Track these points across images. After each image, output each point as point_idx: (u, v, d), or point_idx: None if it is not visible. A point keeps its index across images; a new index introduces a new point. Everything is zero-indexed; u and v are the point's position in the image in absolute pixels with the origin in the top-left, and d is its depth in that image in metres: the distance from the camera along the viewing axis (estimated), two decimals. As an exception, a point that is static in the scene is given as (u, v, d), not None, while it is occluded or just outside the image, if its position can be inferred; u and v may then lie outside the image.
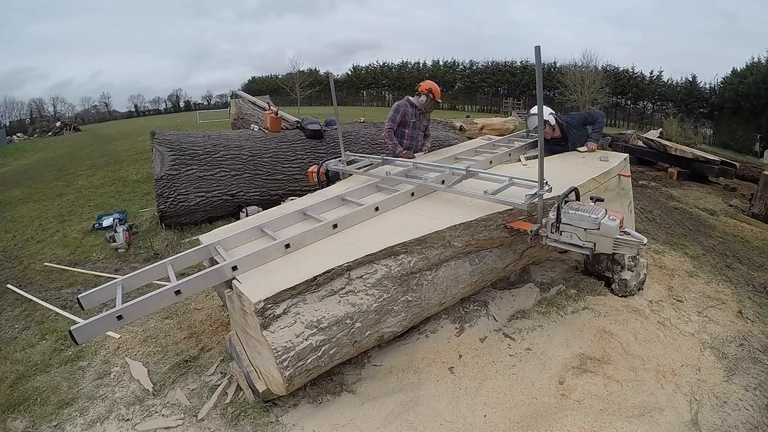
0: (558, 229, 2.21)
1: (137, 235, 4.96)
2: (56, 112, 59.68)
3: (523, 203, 2.32)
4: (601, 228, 2.06)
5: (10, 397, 2.43)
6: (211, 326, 3.05)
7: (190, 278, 2.07)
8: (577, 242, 2.15)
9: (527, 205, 2.33)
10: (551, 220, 2.22)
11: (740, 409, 2.24)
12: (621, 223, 2.06)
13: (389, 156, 3.83)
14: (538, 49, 2.02)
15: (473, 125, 12.19)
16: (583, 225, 2.11)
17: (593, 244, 2.11)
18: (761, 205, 5.94)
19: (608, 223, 2.04)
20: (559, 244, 2.25)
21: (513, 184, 2.63)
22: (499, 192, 2.55)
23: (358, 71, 58.21)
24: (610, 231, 2.04)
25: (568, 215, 2.15)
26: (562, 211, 2.17)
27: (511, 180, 2.65)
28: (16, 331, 3.21)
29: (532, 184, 2.42)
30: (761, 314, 3.13)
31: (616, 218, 2.06)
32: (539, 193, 2.31)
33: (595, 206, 2.18)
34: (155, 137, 5.13)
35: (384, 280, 2.21)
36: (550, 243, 2.32)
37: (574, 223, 2.14)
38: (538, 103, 2.16)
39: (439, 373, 2.50)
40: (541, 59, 2.04)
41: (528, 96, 41.32)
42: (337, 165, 3.74)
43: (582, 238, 2.13)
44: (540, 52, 2.03)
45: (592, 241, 2.11)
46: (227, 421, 2.20)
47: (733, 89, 28.77)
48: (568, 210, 2.16)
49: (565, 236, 2.20)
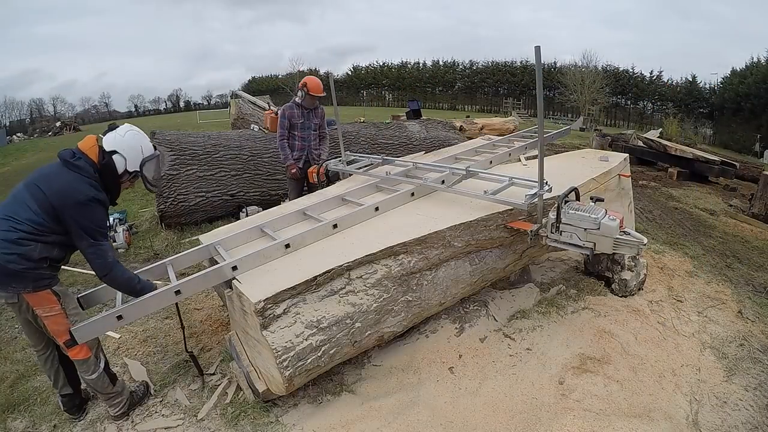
0: (558, 229, 2.21)
1: (137, 235, 4.96)
2: (56, 112, 59.75)
3: (523, 203, 2.32)
4: (601, 228, 2.06)
5: (10, 397, 2.43)
6: (211, 326, 3.05)
7: (190, 278, 2.07)
8: (577, 242, 2.15)
9: (527, 205, 2.33)
10: (551, 220, 2.22)
11: (740, 409, 2.24)
12: (621, 223, 2.06)
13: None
14: (538, 49, 2.01)
15: (473, 125, 12.19)
16: (583, 225, 2.11)
17: (593, 244, 2.11)
18: (761, 205, 5.94)
19: (608, 223, 2.04)
20: (559, 244, 2.25)
21: (513, 184, 2.63)
22: (500, 192, 2.55)
23: (358, 71, 58.21)
24: (610, 231, 2.04)
25: (568, 215, 2.15)
26: (562, 211, 2.17)
27: (511, 180, 2.65)
28: (16, 331, 3.20)
29: (532, 184, 2.42)
30: (761, 314, 3.13)
31: (616, 218, 2.06)
32: (539, 193, 2.31)
33: (595, 206, 2.18)
34: (155, 137, 5.13)
35: (384, 280, 2.21)
36: (550, 243, 2.32)
37: (574, 223, 2.14)
38: (538, 104, 2.16)
39: (439, 373, 2.50)
40: (541, 59, 2.03)
41: (528, 96, 41.29)
42: (338, 165, 3.74)
43: (582, 238, 2.13)
44: (540, 52, 2.02)
45: (592, 241, 2.11)
46: (227, 421, 2.20)
47: (733, 89, 28.76)
48: (568, 210, 2.16)
49: (565, 236, 2.20)
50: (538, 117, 2.21)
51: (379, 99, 55.04)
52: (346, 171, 3.63)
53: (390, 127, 6.99)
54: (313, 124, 4.10)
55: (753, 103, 26.46)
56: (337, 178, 3.76)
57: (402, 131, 6.87)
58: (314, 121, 4.11)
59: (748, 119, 26.41)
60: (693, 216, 5.71)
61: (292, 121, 3.99)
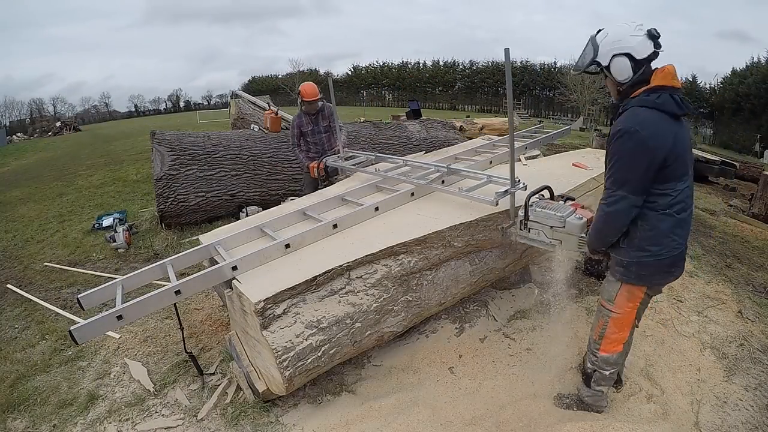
0: (526, 226, 2.23)
1: (137, 235, 4.96)
2: (56, 112, 59.80)
3: (492, 200, 2.33)
4: (567, 226, 2.06)
5: (10, 397, 2.43)
6: (211, 326, 3.05)
7: (190, 278, 2.07)
8: (544, 239, 2.17)
9: (495, 203, 2.34)
10: (521, 218, 2.24)
11: (740, 409, 2.24)
12: (589, 221, 2.06)
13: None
14: (507, 51, 2.05)
15: (473, 125, 12.18)
16: (549, 223, 2.12)
17: (559, 242, 2.12)
18: (761, 205, 5.94)
19: (574, 222, 2.04)
20: (528, 241, 2.28)
21: (491, 181, 2.64)
22: (475, 189, 2.56)
23: (358, 71, 58.22)
24: (575, 229, 2.03)
25: (536, 213, 2.17)
26: (530, 209, 2.19)
27: (489, 178, 2.65)
28: (16, 331, 3.21)
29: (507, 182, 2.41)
30: (761, 314, 3.13)
31: (583, 217, 2.06)
32: (510, 191, 2.33)
33: (563, 204, 2.19)
34: (155, 137, 5.13)
35: (384, 280, 2.21)
36: (519, 240, 2.35)
37: (541, 221, 2.16)
38: (508, 103, 2.17)
39: (439, 373, 2.50)
40: (510, 60, 2.08)
41: (528, 96, 41.26)
42: (336, 161, 3.80)
43: (548, 235, 2.15)
44: (509, 54, 2.06)
45: (558, 239, 2.12)
46: (227, 421, 2.20)
47: (733, 89, 28.79)
48: (535, 208, 2.18)
49: (533, 234, 2.22)
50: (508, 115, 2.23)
51: (379, 99, 55.08)
52: (344, 167, 3.70)
53: (390, 127, 6.99)
54: (322, 128, 4.19)
55: (753, 103, 26.50)
56: (335, 174, 3.85)
57: (402, 131, 6.87)
58: (323, 123, 4.19)
59: (748, 119, 26.45)
60: (693, 216, 5.71)
61: (301, 129, 4.14)
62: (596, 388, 2.10)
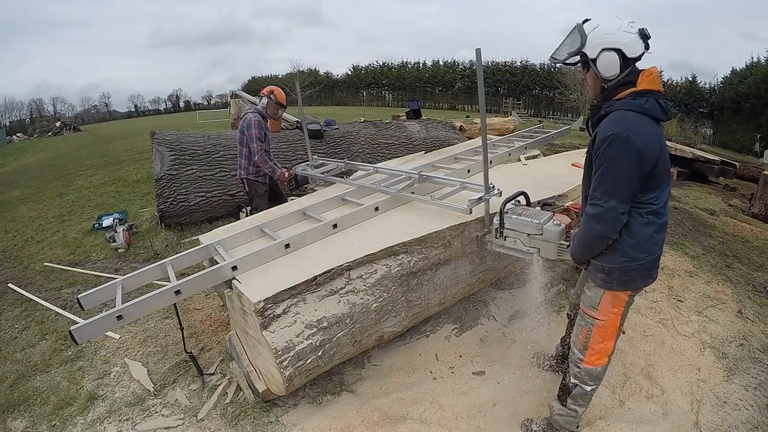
0: (502, 234, 2.15)
1: (137, 235, 4.96)
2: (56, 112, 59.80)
3: (466, 208, 2.28)
4: (544, 233, 1.96)
5: (10, 397, 2.43)
6: (211, 326, 3.05)
7: (190, 278, 2.07)
8: (521, 248, 2.08)
9: (469, 210, 2.29)
10: (496, 225, 2.17)
11: (740, 409, 2.24)
12: (568, 227, 2.00)
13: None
14: (478, 51, 2.01)
15: (473, 125, 12.16)
16: (526, 230, 2.02)
17: (537, 250, 2.04)
18: (761, 205, 5.94)
19: (551, 229, 1.95)
20: (504, 249, 2.18)
21: (464, 188, 2.58)
22: (448, 197, 2.52)
23: (358, 71, 58.20)
24: (553, 236, 1.97)
25: (512, 220, 2.07)
26: (505, 216, 2.12)
27: (462, 184, 2.60)
28: (16, 331, 3.21)
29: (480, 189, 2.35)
30: (761, 314, 3.13)
31: (561, 223, 1.99)
32: (485, 198, 2.26)
33: (540, 211, 2.11)
34: (155, 137, 5.13)
35: (384, 280, 2.21)
36: (495, 249, 2.26)
37: (517, 228, 2.07)
38: (480, 104, 2.13)
39: (439, 373, 2.50)
40: (481, 61, 2.03)
41: (528, 96, 41.27)
42: (306, 169, 3.69)
43: (525, 243, 2.06)
44: (480, 54, 2.01)
45: (536, 246, 2.03)
46: (227, 421, 2.20)
47: (733, 89, 28.80)
48: (511, 215, 2.10)
49: (509, 242, 2.13)
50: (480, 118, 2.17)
51: (379, 99, 55.04)
52: (312, 175, 3.61)
53: (390, 127, 6.99)
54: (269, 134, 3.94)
55: (753, 103, 26.50)
56: (306, 182, 3.70)
57: (402, 131, 6.87)
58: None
59: (748, 119, 26.46)
60: (693, 216, 5.70)
61: (265, 131, 3.77)
62: (572, 406, 1.96)
